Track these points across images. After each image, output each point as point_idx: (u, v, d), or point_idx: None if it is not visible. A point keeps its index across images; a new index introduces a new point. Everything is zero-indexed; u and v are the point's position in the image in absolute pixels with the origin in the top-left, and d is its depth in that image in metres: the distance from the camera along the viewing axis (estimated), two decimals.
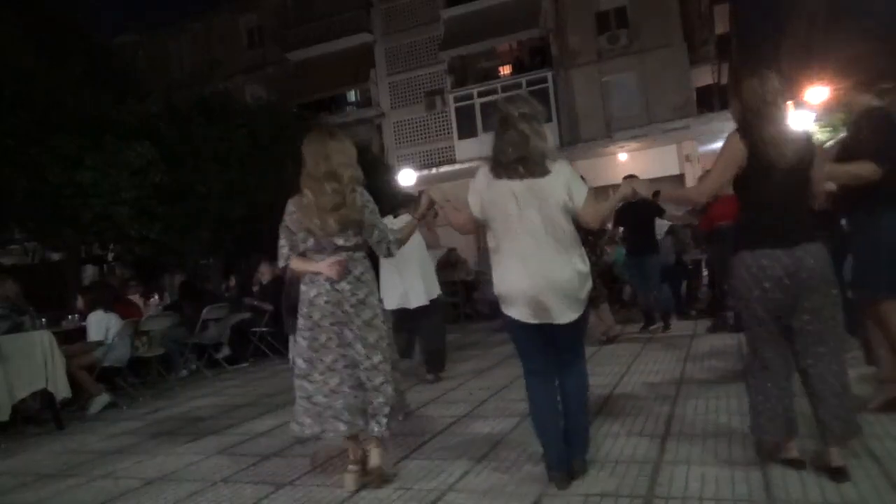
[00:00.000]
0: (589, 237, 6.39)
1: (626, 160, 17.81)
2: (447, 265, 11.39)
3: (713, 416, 3.49)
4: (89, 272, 13.41)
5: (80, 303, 7.49)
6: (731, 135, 2.66)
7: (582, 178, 2.85)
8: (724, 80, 23.70)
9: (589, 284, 2.69)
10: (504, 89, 19.28)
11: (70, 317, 7.32)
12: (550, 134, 2.80)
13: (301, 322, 3.01)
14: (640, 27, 18.31)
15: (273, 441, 4.06)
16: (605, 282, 6.71)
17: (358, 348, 2.94)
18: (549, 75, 18.84)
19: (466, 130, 19.41)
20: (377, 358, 2.96)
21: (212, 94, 12.90)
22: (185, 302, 8.18)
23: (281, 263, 3.06)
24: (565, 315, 2.62)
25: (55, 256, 12.18)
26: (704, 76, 20.80)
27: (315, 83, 21.63)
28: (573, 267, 2.62)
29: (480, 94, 19.47)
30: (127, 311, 6.87)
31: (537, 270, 2.58)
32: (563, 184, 2.62)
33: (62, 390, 5.22)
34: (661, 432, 3.30)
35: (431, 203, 3.31)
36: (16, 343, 5.12)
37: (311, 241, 2.98)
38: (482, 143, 18.73)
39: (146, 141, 9.20)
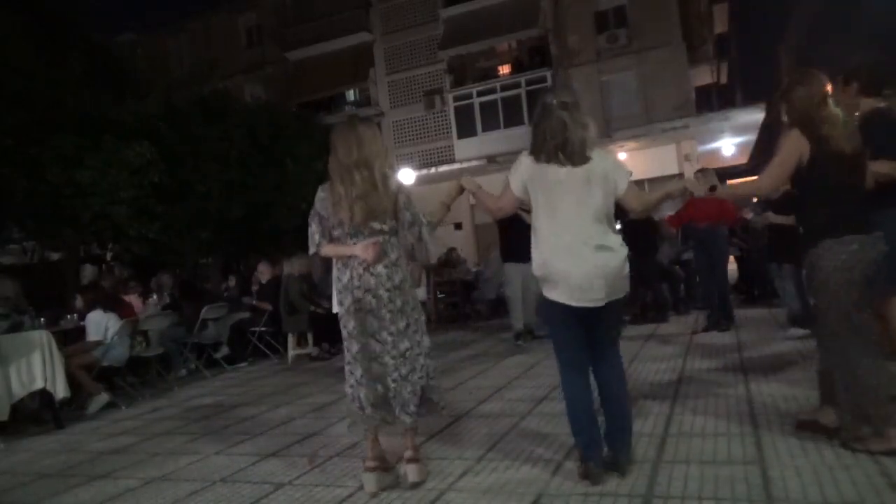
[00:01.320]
0: None
1: (626, 159, 17.80)
2: (447, 265, 11.39)
3: (712, 415, 3.49)
4: (88, 272, 13.40)
5: (78, 302, 7.48)
6: (790, 131, 2.79)
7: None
8: (724, 80, 23.73)
9: (628, 265, 2.72)
10: (503, 89, 19.32)
11: (69, 316, 7.32)
12: (593, 123, 2.80)
13: (336, 308, 2.98)
14: (640, 26, 18.32)
15: (272, 441, 4.06)
16: None
17: (384, 336, 2.86)
18: (549, 75, 18.85)
19: (466, 130, 19.42)
20: (404, 345, 2.88)
21: (211, 94, 12.91)
22: (185, 301, 8.18)
23: (312, 250, 2.98)
24: (609, 296, 2.66)
25: (54, 256, 12.17)
26: (703, 76, 20.83)
27: (314, 82, 21.63)
28: (614, 248, 2.67)
29: (479, 94, 19.48)
30: (121, 311, 6.85)
31: (581, 252, 2.63)
32: (603, 171, 2.70)
33: (61, 390, 5.22)
34: (660, 431, 3.30)
35: (461, 189, 3.22)
36: (15, 343, 5.12)
37: (345, 226, 2.90)
38: (483, 143, 18.82)
39: (145, 140, 9.22)
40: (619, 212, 2.90)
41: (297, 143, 12.83)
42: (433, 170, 19.16)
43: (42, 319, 6.31)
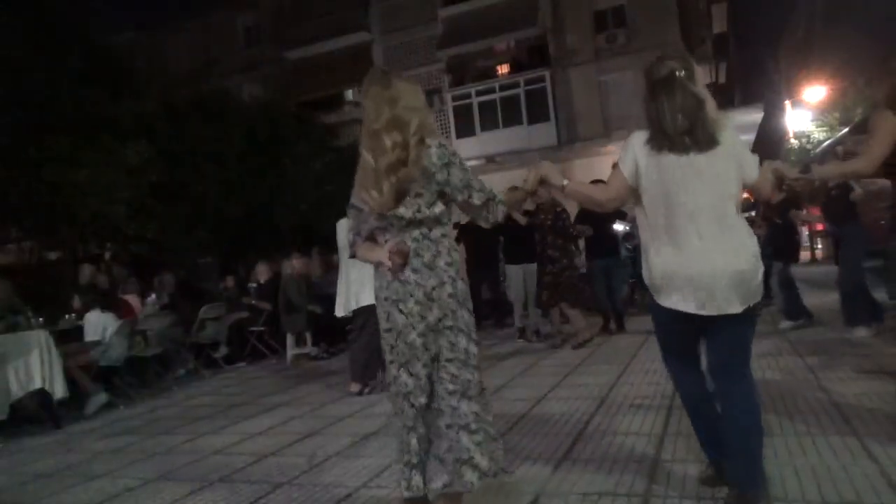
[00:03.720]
0: (558, 240, 6.37)
1: None
2: None
3: None
4: (86, 271, 13.37)
5: (77, 302, 7.47)
6: (882, 112, 2.85)
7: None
8: (722, 80, 23.74)
9: (762, 269, 2.26)
10: (502, 88, 19.32)
11: (67, 316, 7.31)
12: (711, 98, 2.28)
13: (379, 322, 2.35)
14: (638, 26, 18.33)
15: (271, 440, 4.06)
16: (580, 284, 6.59)
17: (417, 369, 2.18)
18: (547, 74, 18.86)
19: (464, 129, 19.43)
20: (443, 386, 2.18)
21: (209, 93, 12.89)
22: (183, 301, 8.17)
23: (346, 254, 2.43)
24: (733, 305, 2.19)
25: (52, 255, 12.14)
26: (702, 75, 20.83)
27: (313, 82, 21.61)
28: (743, 248, 2.21)
29: (478, 94, 19.48)
30: (120, 311, 6.84)
31: (703, 254, 2.19)
32: (735, 156, 2.25)
33: (59, 390, 5.22)
34: (658, 431, 3.30)
35: (541, 180, 2.46)
36: (13, 343, 5.12)
37: (374, 215, 2.24)
38: (481, 143, 18.81)
39: (143, 140, 9.21)
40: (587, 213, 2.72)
41: (295, 142, 12.82)
42: None
43: (40, 319, 6.30)
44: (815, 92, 15.40)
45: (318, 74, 21.65)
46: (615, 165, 2.44)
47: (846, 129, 14.21)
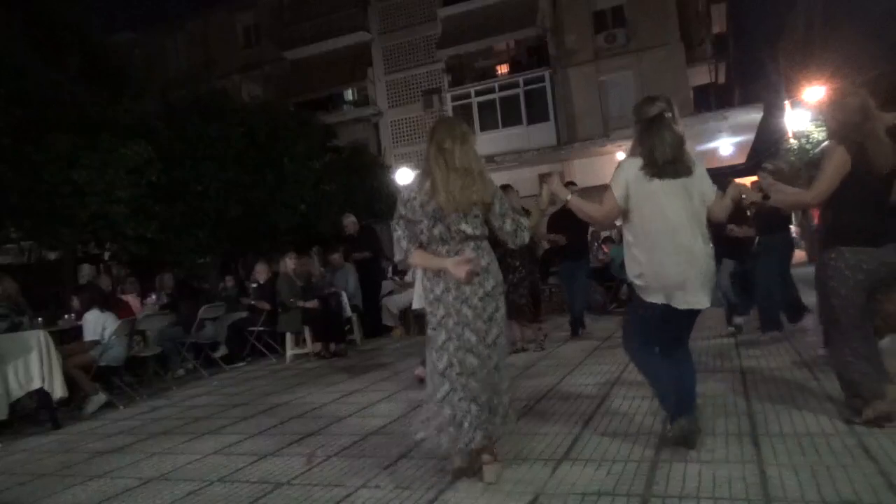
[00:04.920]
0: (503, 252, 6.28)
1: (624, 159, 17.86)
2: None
3: (710, 414, 3.50)
4: (86, 271, 13.36)
5: (76, 302, 7.47)
6: (833, 146, 2.98)
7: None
8: (722, 80, 23.75)
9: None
10: (501, 88, 19.33)
11: (66, 316, 7.30)
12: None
13: (428, 319, 2.87)
14: (638, 26, 18.34)
15: (270, 440, 4.06)
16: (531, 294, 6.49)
17: (480, 350, 2.74)
18: (547, 74, 18.86)
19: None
20: (496, 357, 2.79)
21: (208, 93, 12.88)
22: (182, 301, 8.16)
23: (398, 257, 2.87)
24: (704, 301, 2.86)
25: (51, 255, 12.13)
26: (701, 75, 20.86)
27: (312, 82, 21.61)
28: (712, 259, 2.89)
29: (478, 94, 19.49)
30: (119, 311, 6.83)
31: (689, 261, 2.79)
32: (701, 181, 2.88)
33: (59, 390, 5.21)
34: (657, 430, 3.31)
35: (552, 195, 3.18)
36: (12, 342, 5.11)
37: (438, 229, 2.76)
38: (481, 143, 18.82)
39: (142, 139, 9.19)
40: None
41: (294, 142, 12.81)
42: None
43: (39, 319, 6.30)
44: (815, 92, 15.39)
45: (318, 74, 21.66)
46: (608, 188, 2.92)
47: None
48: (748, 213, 5.81)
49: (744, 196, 3.05)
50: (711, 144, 18.03)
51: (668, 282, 2.81)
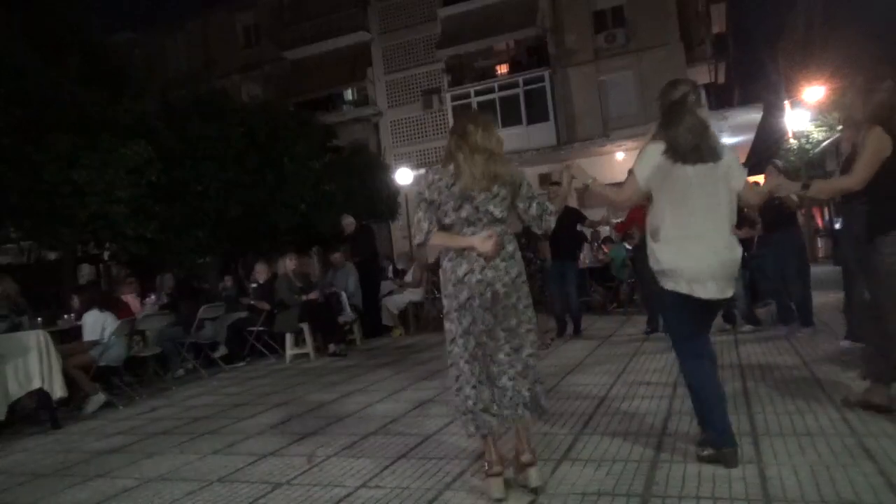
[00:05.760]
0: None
1: (624, 159, 17.84)
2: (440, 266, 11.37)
3: None
4: (86, 271, 13.36)
5: (75, 302, 7.46)
6: (873, 129, 3.02)
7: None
8: (721, 80, 23.75)
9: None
10: (501, 88, 19.33)
11: (66, 316, 7.30)
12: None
13: (446, 304, 2.78)
14: (638, 26, 18.33)
15: (270, 440, 4.06)
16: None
17: (498, 334, 2.70)
18: (546, 74, 18.86)
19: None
20: (516, 342, 2.72)
21: (208, 93, 12.88)
22: (182, 301, 8.16)
23: (419, 239, 2.78)
24: (727, 291, 2.77)
25: (51, 255, 12.14)
26: (701, 75, 20.85)
27: (312, 82, 21.60)
28: (737, 247, 2.78)
29: (477, 93, 19.49)
30: (118, 311, 6.83)
31: (714, 249, 2.69)
32: (729, 166, 2.75)
33: (58, 390, 5.20)
34: (657, 431, 3.31)
35: (571, 179, 3.08)
36: (12, 342, 5.11)
37: (465, 210, 2.71)
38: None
39: (142, 139, 9.19)
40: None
41: (294, 142, 12.81)
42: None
43: (39, 319, 6.30)
44: (815, 92, 15.40)
45: (317, 74, 21.66)
46: (630, 172, 2.83)
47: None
48: (744, 212, 5.84)
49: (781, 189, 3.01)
50: None
51: (691, 270, 2.70)
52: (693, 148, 2.68)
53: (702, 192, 2.69)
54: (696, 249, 2.68)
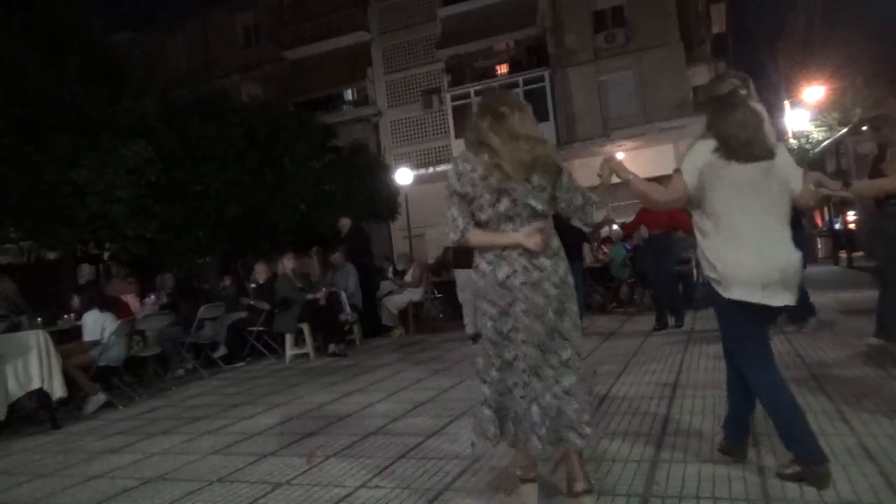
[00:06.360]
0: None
1: (624, 159, 17.78)
2: (442, 265, 11.39)
3: (709, 414, 3.50)
4: (86, 271, 13.36)
5: (75, 302, 7.46)
6: None
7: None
8: None
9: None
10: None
11: (66, 316, 7.30)
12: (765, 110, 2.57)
13: (485, 308, 2.45)
14: (638, 26, 18.35)
15: (270, 440, 4.05)
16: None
17: (547, 344, 2.38)
18: (546, 74, 18.88)
19: (463, 129, 19.46)
20: (567, 353, 2.39)
21: (208, 93, 12.88)
22: (182, 301, 8.16)
23: (454, 237, 2.47)
24: (788, 298, 2.52)
25: (51, 255, 12.14)
26: (701, 75, 20.83)
27: (312, 81, 21.62)
28: (796, 250, 2.54)
29: (477, 93, 19.46)
30: (118, 311, 6.83)
31: (772, 252, 2.48)
32: (784, 165, 2.55)
33: (58, 390, 5.20)
34: (657, 431, 3.31)
35: (611, 172, 2.75)
36: (12, 343, 5.10)
37: (504, 204, 2.38)
38: None
39: (142, 139, 9.20)
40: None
41: (294, 142, 12.81)
42: (431, 169, 19.18)
43: (39, 319, 6.29)
44: (814, 92, 15.41)
45: (317, 74, 21.67)
46: (677, 170, 2.61)
47: (845, 130, 14.22)
48: None
49: (823, 185, 2.78)
50: None
51: (747, 276, 2.47)
52: (745, 144, 2.46)
53: (757, 192, 2.48)
54: (753, 253, 2.47)
